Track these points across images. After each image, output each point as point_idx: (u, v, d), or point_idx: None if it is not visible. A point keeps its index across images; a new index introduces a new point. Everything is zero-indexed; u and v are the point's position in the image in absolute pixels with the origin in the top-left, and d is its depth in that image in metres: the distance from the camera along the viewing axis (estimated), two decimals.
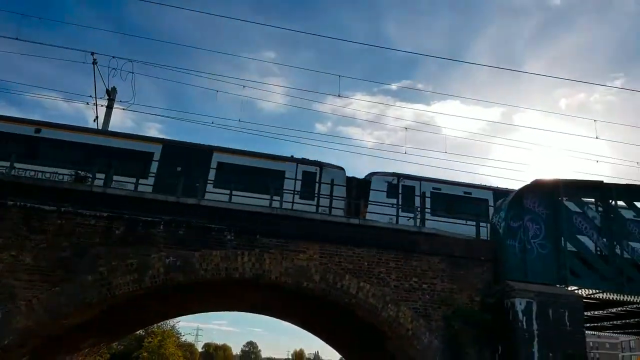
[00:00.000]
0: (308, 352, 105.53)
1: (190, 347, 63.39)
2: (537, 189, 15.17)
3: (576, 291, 14.33)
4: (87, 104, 19.61)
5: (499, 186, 19.12)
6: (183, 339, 47.19)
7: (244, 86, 29.02)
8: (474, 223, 14.85)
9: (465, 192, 18.37)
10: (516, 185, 18.62)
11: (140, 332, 39.47)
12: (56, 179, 12.96)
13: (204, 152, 16.32)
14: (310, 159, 17.60)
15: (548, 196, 15.13)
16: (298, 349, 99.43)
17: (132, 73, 19.43)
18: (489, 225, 15.38)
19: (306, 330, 22.80)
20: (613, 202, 15.77)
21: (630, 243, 15.33)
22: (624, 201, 16.00)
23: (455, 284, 13.55)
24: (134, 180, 13.91)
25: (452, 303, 13.38)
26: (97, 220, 11.96)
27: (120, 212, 12.12)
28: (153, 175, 14.91)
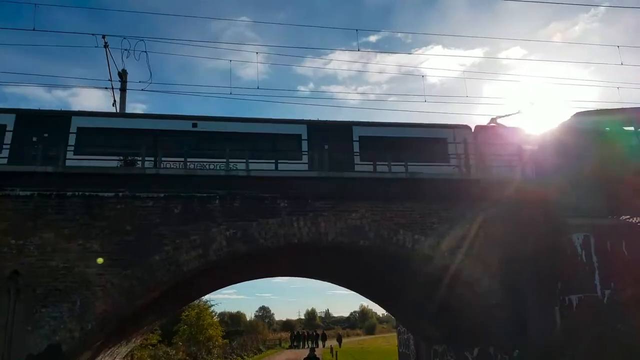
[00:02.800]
0: (319, 310, 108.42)
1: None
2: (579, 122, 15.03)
3: (628, 220, 14.42)
4: (106, 88, 19.32)
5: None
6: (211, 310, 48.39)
7: (259, 52, 27.97)
8: None
9: None
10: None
11: None
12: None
13: None
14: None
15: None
16: (310, 309, 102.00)
17: (145, 52, 19.00)
18: None
19: (340, 285, 23.10)
20: None
21: None
22: None
23: (510, 226, 13.62)
24: None
25: (508, 245, 13.53)
26: (155, 202, 12.07)
27: (176, 191, 12.22)
28: None
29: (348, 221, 12.99)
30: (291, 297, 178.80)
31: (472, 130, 16.34)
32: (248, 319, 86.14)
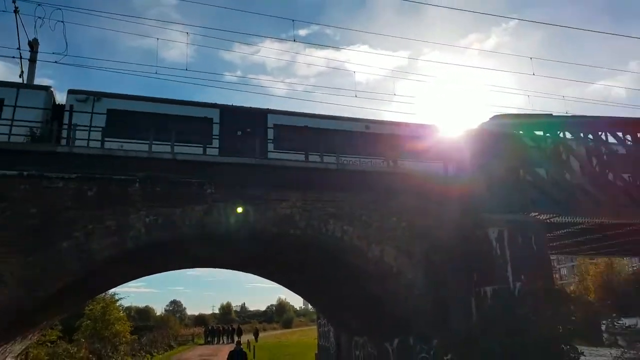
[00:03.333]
0: (235, 304, 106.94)
1: None
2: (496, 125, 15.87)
3: (537, 216, 15.47)
4: (13, 57, 17.35)
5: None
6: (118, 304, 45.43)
7: (187, 33, 26.75)
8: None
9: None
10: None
11: None
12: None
13: None
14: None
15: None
16: (225, 303, 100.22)
17: (63, 22, 17.33)
18: None
19: (268, 279, 22.79)
20: (562, 134, 16.96)
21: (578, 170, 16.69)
22: (570, 132, 17.24)
23: (432, 220, 14.04)
24: None
25: (431, 238, 13.93)
26: (66, 183, 10.90)
27: (91, 172, 11.11)
28: None
29: (278, 210, 12.64)
30: (205, 290, 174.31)
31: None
32: (158, 314, 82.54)
